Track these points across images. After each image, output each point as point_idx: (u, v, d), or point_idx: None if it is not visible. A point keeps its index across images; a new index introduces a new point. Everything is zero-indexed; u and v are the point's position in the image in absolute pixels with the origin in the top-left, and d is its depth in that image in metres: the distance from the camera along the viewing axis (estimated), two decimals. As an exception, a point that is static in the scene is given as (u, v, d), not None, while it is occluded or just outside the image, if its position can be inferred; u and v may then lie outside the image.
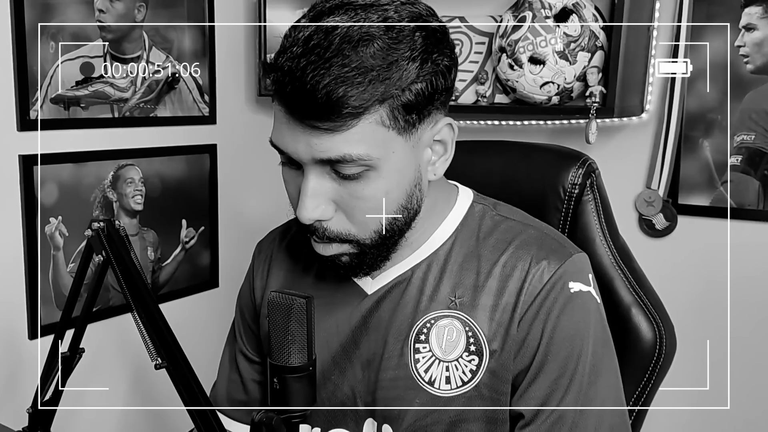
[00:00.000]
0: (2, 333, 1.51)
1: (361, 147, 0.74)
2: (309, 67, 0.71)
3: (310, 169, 0.77)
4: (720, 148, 1.55)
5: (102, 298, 1.67)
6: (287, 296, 0.72)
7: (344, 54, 0.71)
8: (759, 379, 1.59)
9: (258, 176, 2.10)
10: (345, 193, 0.78)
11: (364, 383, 0.88)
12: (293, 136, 0.76)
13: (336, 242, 0.81)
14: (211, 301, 1.96)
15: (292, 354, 0.72)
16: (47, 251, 1.56)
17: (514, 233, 0.86)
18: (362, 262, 0.83)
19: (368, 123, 0.74)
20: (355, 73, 0.71)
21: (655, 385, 0.99)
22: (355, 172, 0.76)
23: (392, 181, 0.78)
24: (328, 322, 0.90)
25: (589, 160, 1.03)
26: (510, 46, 1.57)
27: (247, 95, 2.01)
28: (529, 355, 0.82)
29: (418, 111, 0.76)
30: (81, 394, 1.64)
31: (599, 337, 0.84)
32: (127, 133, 1.69)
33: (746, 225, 1.54)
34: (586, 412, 0.81)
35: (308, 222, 0.79)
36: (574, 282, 0.83)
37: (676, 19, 1.55)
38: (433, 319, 0.85)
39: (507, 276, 0.83)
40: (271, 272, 0.98)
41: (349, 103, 0.71)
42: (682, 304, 1.38)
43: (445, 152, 0.83)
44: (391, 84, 0.73)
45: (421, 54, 0.74)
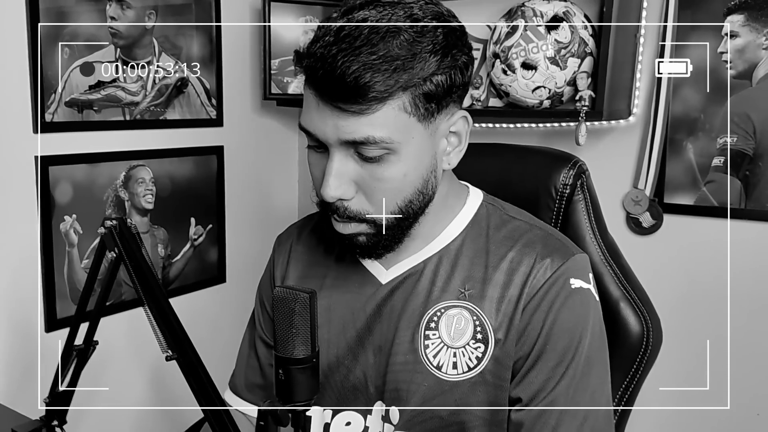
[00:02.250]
0: (20, 326, 1.51)
1: (384, 130, 0.76)
2: (340, 54, 0.73)
3: (335, 151, 0.79)
4: (703, 150, 1.55)
5: (115, 293, 1.67)
6: (291, 291, 0.71)
7: (372, 43, 0.74)
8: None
9: (263, 176, 2.10)
10: (366, 174, 0.79)
11: (375, 367, 0.89)
12: (322, 118, 0.78)
13: (355, 221, 0.82)
14: (219, 296, 1.96)
15: (297, 346, 0.71)
16: (62, 248, 1.56)
17: (520, 232, 0.88)
18: (377, 243, 0.84)
19: (391, 108, 0.76)
20: (382, 61, 0.73)
21: (642, 374, 0.99)
22: (377, 155, 0.78)
23: (410, 165, 0.80)
24: (344, 311, 0.91)
25: (580, 162, 1.03)
26: (503, 52, 1.57)
27: (253, 99, 2.01)
28: (529, 344, 0.83)
29: (437, 101, 0.78)
30: (94, 385, 1.64)
31: (596, 331, 0.85)
32: (138, 135, 1.69)
33: (728, 223, 1.54)
34: (577, 399, 0.82)
35: (331, 200, 0.80)
36: (575, 279, 0.84)
37: (662, 27, 1.54)
38: (443, 308, 0.86)
39: (513, 270, 0.85)
40: (290, 263, 0.99)
41: (375, 88, 0.74)
42: (667, 298, 1.38)
43: (459, 143, 0.85)
44: (414, 74, 0.75)
45: (443, 49, 0.77)
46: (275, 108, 2.07)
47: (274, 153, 2.12)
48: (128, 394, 1.76)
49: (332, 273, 0.95)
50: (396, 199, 0.81)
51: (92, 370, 1.14)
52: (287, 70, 1.89)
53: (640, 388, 1.00)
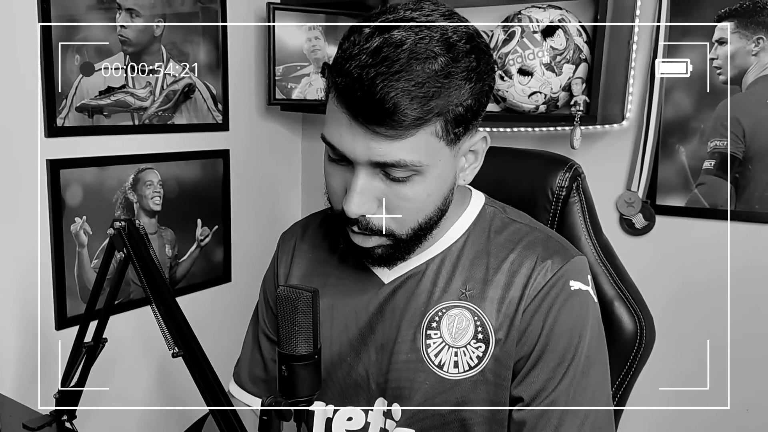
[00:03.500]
0: (31, 324, 1.51)
1: (415, 154, 0.75)
2: (378, 78, 0.71)
3: (362, 169, 0.77)
4: (695, 154, 1.54)
5: (123, 292, 1.67)
6: (295, 290, 0.71)
7: (411, 69, 0.71)
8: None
9: (268, 178, 2.10)
10: (391, 193, 0.78)
11: (377, 365, 0.88)
12: (353, 138, 0.75)
13: (376, 235, 0.81)
14: (225, 295, 1.96)
15: (299, 344, 0.71)
16: (73, 248, 1.56)
17: (521, 234, 0.87)
18: (393, 255, 0.84)
19: (425, 134, 0.75)
20: (420, 88, 0.72)
21: (636, 371, 0.99)
22: (404, 176, 0.77)
23: (434, 185, 0.79)
24: (347, 309, 0.91)
25: (575, 165, 1.03)
26: (501, 58, 1.57)
27: (257, 104, 2.01)
28: (530, 344, 0.83)
29: (465, 124, 0.78)
30: (104, 381, 1.64)
31: (595, 331, 0.85)
32: (147, 139, 1.69)
33: (718, 224, 1.54)
34: (578, 399, 0.81)
35: (354, 216, 0.79)
36: (575, 281, 0.84)
37: (654, 34, 1.55)
38: (444, 308, 0.86)
39: (514, 272, 0.84)
40: (294, 260, 0.99)
41: (413, 115, 0.72)
42: (660, 297, 1.38)
43: (475, 161, 0.85)
44: (450, 101, 0.74)
45: (476, 75, 0.76)
46: (279, 113, 2.07)
47: (278, 156, 2.12)
48: (136, 389, 1.76)
49: (335, 272, 0.94)
50: (417, 216, 0.81)
51: (101, 367, 1.14)
52: (291, 76, 1.89)
53: (634, 384, 1.00)
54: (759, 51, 1.46)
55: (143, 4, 1.62)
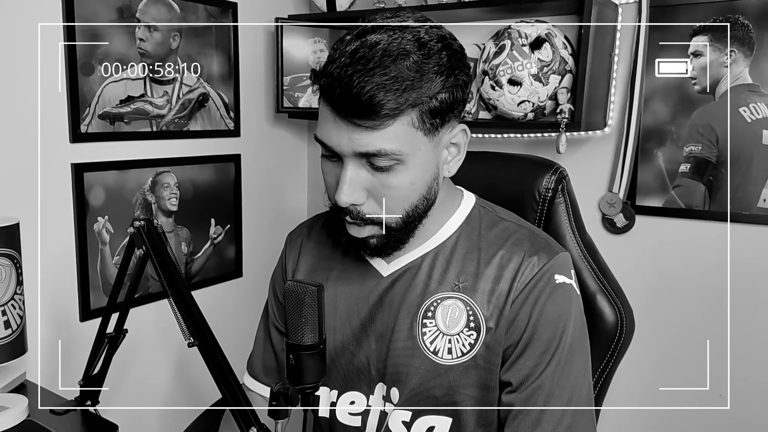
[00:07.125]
0: (57, 316, 1.51)
1: (394, 143, 0.76)
2: (355, 75, 0.73)
3: (349, 161, 0.78)
4: (672, 158, 1.54)
5: (142, 286, 1.67)
6: (301, 285, 0.72)
7: (385, 65, 0.73)
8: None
9: (276, 181, 2.10)
10: (377, 182, 0.79)
11: (377, 352, 0.89)
12: (338, 132, 0.77)
13: (368, 224, 0.82)
14: (236, 289, 1.96)
15: (306, 334, 0.72)
16: (96, 246, 1.56)
17: (510, 232, 0.88)
18: (386, 244, 0.84)
19: (401, 123, 0.75)
20: (393, 82, 0.73)
21: (617, 359, 0.99)
22: (387, 165, 0.77)
23: (416, 174, 0.80)
24: (349, 300, 0.91)
25: (561, 168, 1.03)
26: (492, 69, 1.57)
27: (267, 112, 2.01)
28: (517, 333, 0.83)
29: (441, 116, 0.78)
30: (124, 369, 1.64)
31: (578, 322, 0.85)
32: (164, 144, 1.69)
33: (693, 223, 1.54)
34: (562, 383, 0.82)
35: (345, 205, 0.80)
36: (559, 275, 0.84)
37: (634, 47, 1.54)
38: (439, 299, 0.86)
39: (503, 266, 0.85)
40: (300, 258, 0.99)
41: (388, 106, 0.73)
42: (639, 291, 1.38)
43: (458, 153, 0.85)
44: (422, 93, 0.75)
45: (447, 69, 0.76)
46: (287, 120, 2.07)
47: (286, 160, 2.12)
48: (154, 377, 1.76)
49: (338, 267, 0.94)
50: (403, 204, 0.81)
51: (122, 356, 1.14)
52: (298, 86, 1.89)
53: (616, 370, 1.00)
54: (731, 63, 1.46)
55: (161, 19, 1.62)
